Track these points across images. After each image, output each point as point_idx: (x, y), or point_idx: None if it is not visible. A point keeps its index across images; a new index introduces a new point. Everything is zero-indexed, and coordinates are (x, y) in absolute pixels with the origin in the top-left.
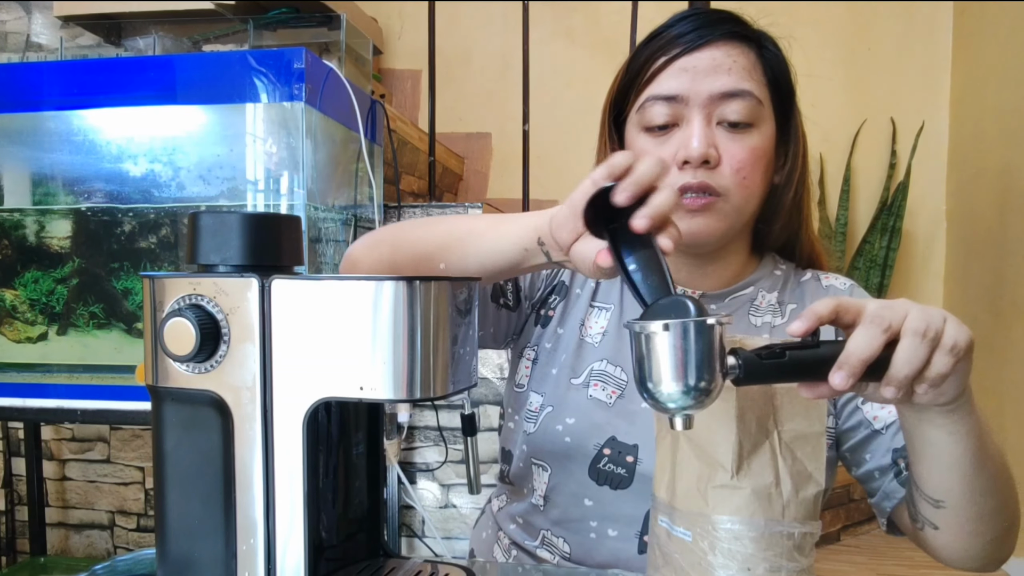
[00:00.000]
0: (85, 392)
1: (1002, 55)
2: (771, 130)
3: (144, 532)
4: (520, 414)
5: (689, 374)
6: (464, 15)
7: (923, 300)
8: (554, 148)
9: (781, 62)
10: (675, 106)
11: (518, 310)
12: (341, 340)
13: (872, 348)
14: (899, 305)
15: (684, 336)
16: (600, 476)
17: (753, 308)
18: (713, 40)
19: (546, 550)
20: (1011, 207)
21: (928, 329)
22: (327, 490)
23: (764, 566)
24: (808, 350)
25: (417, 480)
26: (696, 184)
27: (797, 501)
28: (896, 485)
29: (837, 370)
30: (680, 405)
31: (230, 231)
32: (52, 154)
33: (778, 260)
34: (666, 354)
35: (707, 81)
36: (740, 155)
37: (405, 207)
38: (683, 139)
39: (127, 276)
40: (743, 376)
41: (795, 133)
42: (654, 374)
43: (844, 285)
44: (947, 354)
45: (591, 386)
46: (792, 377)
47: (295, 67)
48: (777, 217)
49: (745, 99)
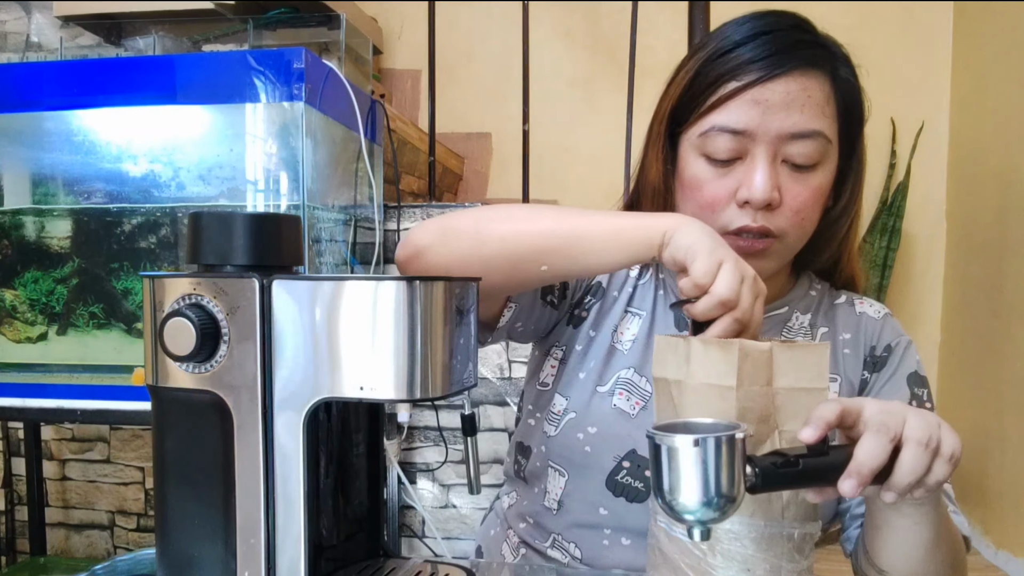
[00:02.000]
0: (85, 392)
1: (1002, 55)
2: (834, 165)
3: (144, 532)
4: (542, 413)
5: (712, 487)
6: (464, 15)
7: (923, 300)
8: (554, 148)
9: (855, 91)
10: (741, 140)
11: (560, 308)
12: (341, 340)
13: (881, 458)
14: (897, 411)
15: (711, 451)
16: (617, 488)
17: (787, 328)
18: (789, 70)
19: (557, 551)
20: (1011, 207)
21: (930, 439)
22: (327, 490)
23: (764, 567)
24: (819, 458)
25: (417, 480)
26: (756, 228)
27: (796, 502)
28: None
29: (847, 478)
30: (700, 518)
31: (230, 231)
32: (52, 154)
33: (813, 280)
34: (691, 467)
35: (778, 118)
36: (802, 196)
37: (405, 207)
38: (746, 177)
39: (127, 276)
40: (760, 485)
41: (858, 166)
42: (675, 486)
43: (878, 314)
44: (946, 463)
45: (616, 395)
46: (804, 483)
47: (295, 67)
48: (827, 248)
49: (815, 139)
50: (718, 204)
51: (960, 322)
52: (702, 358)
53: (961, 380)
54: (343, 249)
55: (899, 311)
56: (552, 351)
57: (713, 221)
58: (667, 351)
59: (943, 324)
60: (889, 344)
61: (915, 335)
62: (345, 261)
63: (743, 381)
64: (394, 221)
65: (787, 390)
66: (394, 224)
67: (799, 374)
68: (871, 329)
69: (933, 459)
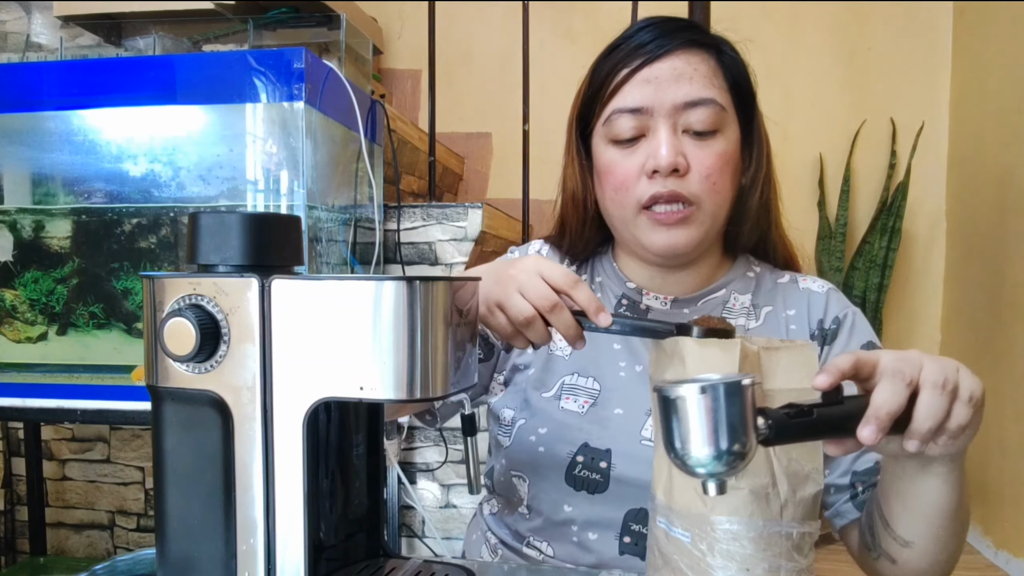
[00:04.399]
0: (85, 392)
1: (1002, 55)
2: (735, 135)
3: (144, 532)
4: (496, 429)
5: (723, 437)
6: (464, 15)
7: (923, 300)
8: (554, 148)
9: (740, 66)
10: (640, 117)
11: (492, 354)
12: (341, 340)
13: (898, 401)
14: (913, 357)
15: (719, 399)
16: (577, 483)
17: (726, 310)
18: (673, 49)
19: (531, 550)
20: (1011, 207)
21: (947, 381)
22: (327, 490)
23: (763, 566)
24: (835, 407)
25: (417, 480)
26: (667, 193)
27: (795, 501)
28: (850, 507)
29: (866, 424)
30: (713, 471)
31: (230, 231)
32: (52, 154)
33: (752, 261)
34: (699, 418)
35: (670, 91)
36: (708, 161)
37: (405, 207)
38: (651, 149)
39: (127, 276)
40: (773, 436)
41: (758, 135)
42: (685, 439)
43: (822, 289)
44: (966, 405)
45: (562, 399)
46: (820, 435)
47: (295, 67)
48: (745, 219)
49: (708, 106)
50: (629, 181)
51: (960, 322)
52: (699, 358)
53: None
54: (343, 249)
55: (899, 311)
56: (495, 378)
57: (627, 199)
58: (661, 356)
59: (943, 324)
60: (837, 316)
61: (915, 335)
62: (345, 261)
63: None
64: (394, 221)
65: (777, 392)
66: (394, 224)
67: (788, 375)
68: (817, 304)
69: (952, 402)
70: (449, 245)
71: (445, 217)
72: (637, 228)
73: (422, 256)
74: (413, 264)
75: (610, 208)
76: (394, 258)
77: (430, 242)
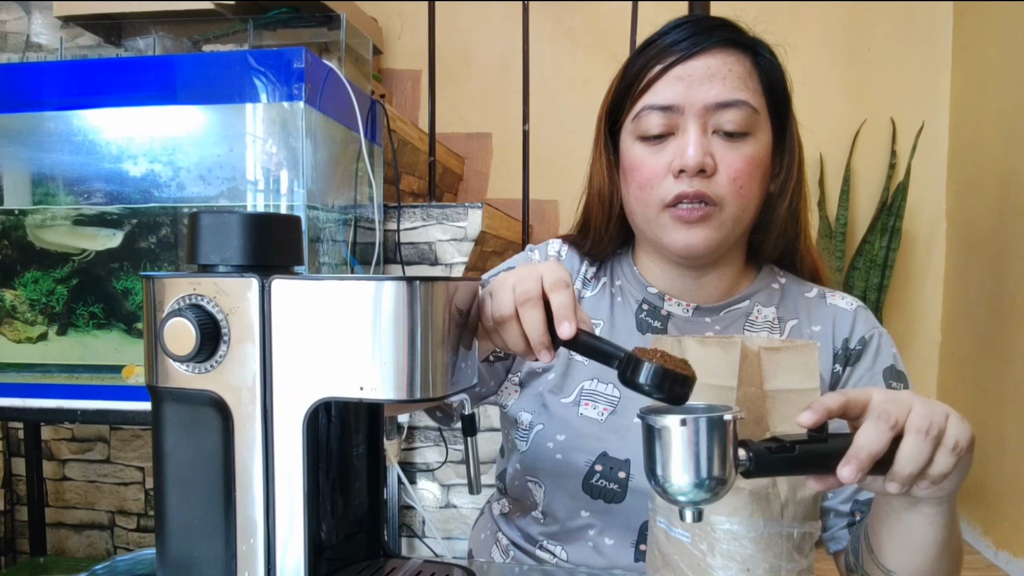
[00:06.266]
0: (85, 392)
1: (1002, 55)
2: (767, 139)
3: (144, 532)
4: (513, 433)
5: (703, 468)
6: (464, 15)
7: (923, 300)
8: (554, 148)
9: (777, 70)
10: (671, 115)
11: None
12: (341, 340)
13: (880, 444)
14: (903, 399)
15: (701, 432)
16: (594, 491)
17: (749, 323)
18: (708, 48)
19: (544, 553)
20: (1011, 207)
21: (931, 427)
22: (327, 490)
23: (763, 567)
24: (817, 444)
25: (417, 480)
26: (692, 193)
27: (795, 501)
28: (845, 533)
29: (846, 464)
30: (692, 499)
31: (230, 231)
32: (52, 154)
33: (777, 272)
34: (681, 448)
35: (702, 90)
36: (736, 164)
37: (405, 207)
38: (679, 148)
39: (127, 276)
40: (753, 469)
41: (791, 142)
42: (666, 467)
43: (850, 306)
44: (949, 453)
45: (582, 405)
46: (801, 470)
47: (295, 67)
48: (772, 227)
49: (740, 108)
50: (656, 178)
51: (960, 322)
52: (700, 357)
53: (961, 380)
54: (343, 249)
55: (899, 311)
56: (509, 378)
57: (651, 197)
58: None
59: (943, 324)
60: (863, 337)
61: (915, 335)
62: (345, 261)
63: (743, 382)
64: (394, 221)
65: (778, 392)
66: (394, 224)
67: (789, 376)
68: (843, 322)
69: (935, 449)
70: (449, 245)
71: (445, 217)
72: (659, 226)
73: (422, 256)
74: (413, 264)
75: (634, 205)
76: (394, 258)
77: (430, 242)
